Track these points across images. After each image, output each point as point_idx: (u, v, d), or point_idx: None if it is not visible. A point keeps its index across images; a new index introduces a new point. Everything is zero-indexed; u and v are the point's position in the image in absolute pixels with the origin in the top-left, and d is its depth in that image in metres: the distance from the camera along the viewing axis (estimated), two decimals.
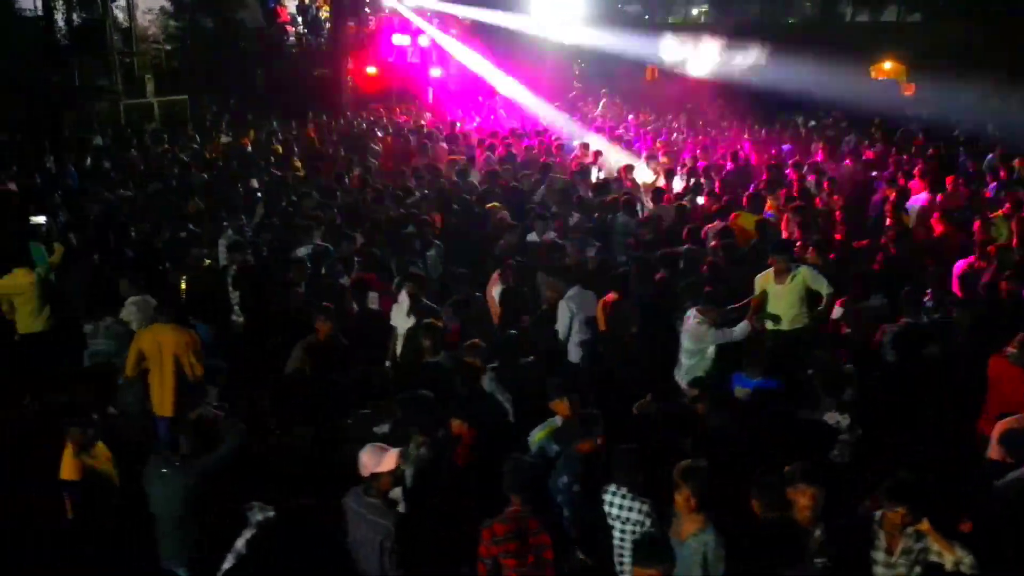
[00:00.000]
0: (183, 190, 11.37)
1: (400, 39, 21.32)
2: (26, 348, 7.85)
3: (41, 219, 8.66)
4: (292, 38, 23.36)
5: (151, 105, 21.18)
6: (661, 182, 11.74)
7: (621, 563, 4.32)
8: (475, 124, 17.95)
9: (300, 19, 23.29)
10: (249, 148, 15.18)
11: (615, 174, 12.14)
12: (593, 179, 12.02)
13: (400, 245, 8.50)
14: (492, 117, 18.48)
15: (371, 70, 21.11)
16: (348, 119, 18.60)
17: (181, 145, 15.75)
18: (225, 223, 9.14)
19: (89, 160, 13.77)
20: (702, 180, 11.43)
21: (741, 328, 6.23)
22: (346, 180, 11.78)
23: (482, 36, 22.36)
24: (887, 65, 29.24)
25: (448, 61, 22.15)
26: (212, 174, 12.88)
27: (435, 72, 21.85)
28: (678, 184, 11.91)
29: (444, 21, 21.92)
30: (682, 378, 6.35)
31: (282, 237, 8.83)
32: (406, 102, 21.42)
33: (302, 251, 8.49)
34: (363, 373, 6.19)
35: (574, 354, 6.42)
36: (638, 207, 10.35)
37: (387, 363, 7.20)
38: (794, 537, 3.90)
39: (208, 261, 8.49)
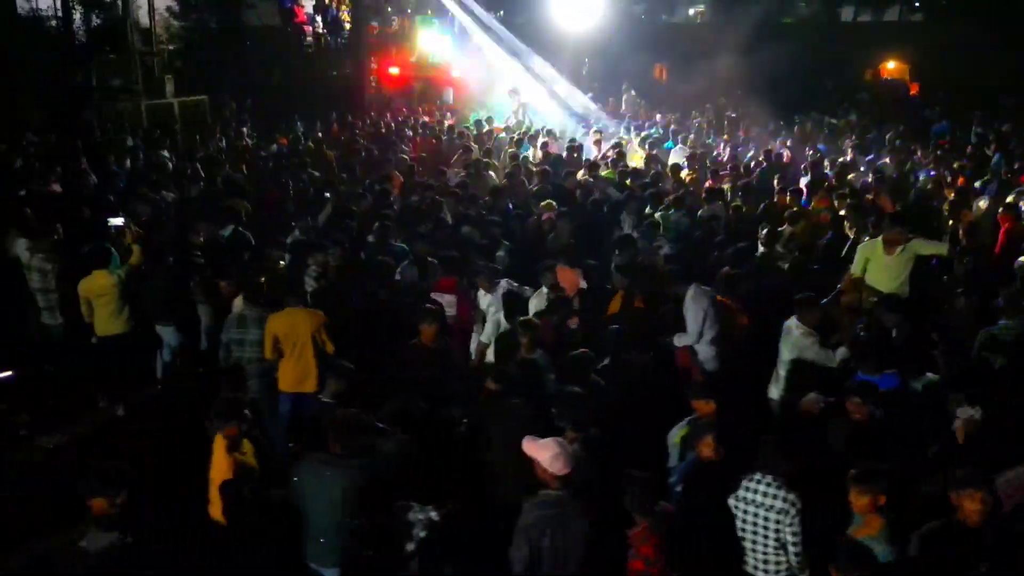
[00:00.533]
0: (229, 191, 11.33)
1: (430, 38, 21.32)
2: (104, 350, 7.83)
3: (119, 221, 8.61)
4: (310, 38, 23.29)
5: (171, 105, 21.11)
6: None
7: (754, 551, 4.28)
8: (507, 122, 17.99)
9: (319, 19, 23.21)
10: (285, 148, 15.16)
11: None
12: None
13: (465, 246, 8.54)
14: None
15: (393, 70, 21.11)
16: (374, 119, 18.57)
17: (211, 146, 15.73)
18: (293, 223, 9.14)
19: (128, 161, 13.70)
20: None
21: (841, 353, 6.08)
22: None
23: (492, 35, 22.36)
24: (891, 64, 29.75)
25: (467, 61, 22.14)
26: (248, 175, 12.88)
27: (456, 73, 21.85)
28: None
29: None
30: (780, 390, 6.23)
31: (353, 238, 8.84)
32: (428, 102, 21.43)
33: None
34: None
35: (704, 353, 6.43)
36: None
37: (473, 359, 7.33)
38: (964, 541, 3.87)
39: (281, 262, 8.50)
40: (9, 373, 8.01)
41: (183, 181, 12.21)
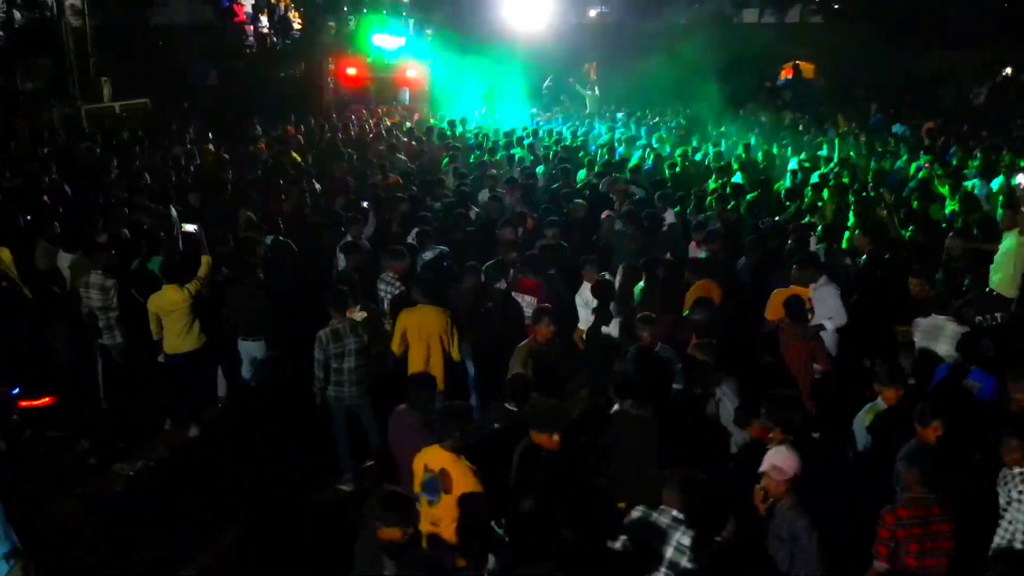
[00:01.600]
0: (236, 200, 10.92)
1: (381, 39, 21.02)
2: (171, 368, 7.50)
3: (192, 228, 8.20)
4: (251, 38, 22.51)
5: (113, 109, 19.96)
6: None
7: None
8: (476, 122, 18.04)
9: (264, 18, 22.47)
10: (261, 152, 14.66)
11: None
12: None
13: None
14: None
15: (351, 70, 20.74)
16: (345, 122, 18.19)
17: (177, 153, 14.94)
18: (343, 229, 8.96)
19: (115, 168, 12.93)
20: None
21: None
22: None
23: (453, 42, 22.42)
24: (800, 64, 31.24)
25: (424, 61, 22.02)
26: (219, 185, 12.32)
27: (411, 73, 21.67)
28: None
29: (418, 24, 21.82)
30: None
31: (407, 244, 8.76)
32: (384, 103, 21.18)
33: (428, 255, 8.54)
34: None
35: (830, 340, 6.78)
36: None
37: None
38: None
39: None
40: (48, 400, 7.59)
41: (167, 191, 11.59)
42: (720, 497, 4.51)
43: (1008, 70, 25.21)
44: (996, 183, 11.46)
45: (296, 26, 22.50)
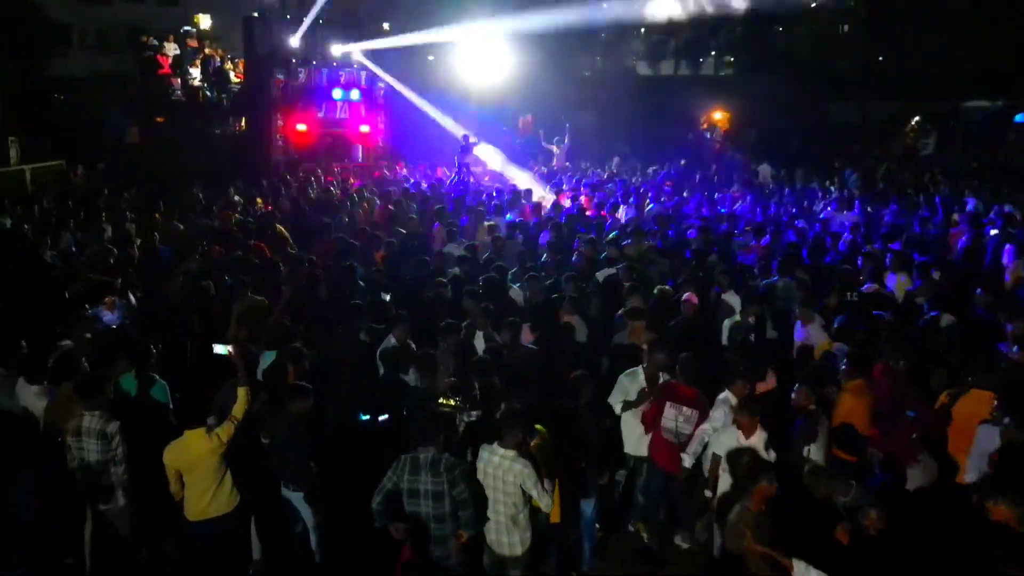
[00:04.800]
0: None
1: (337, 92, 19.21)
2: (197, 537, 5.54)
3: (223, 349, 6.19)
4: (179, 91, 20.25)
5: (22, 173, 17.29)
6: None
7: None
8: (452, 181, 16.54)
9: (196, 71, 20.26)
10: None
11: None
12: None
13: None
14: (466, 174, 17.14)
15: (301, 127, 18.78)
16: (302, 183, 16.25)
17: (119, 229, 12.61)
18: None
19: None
20: None
21: None
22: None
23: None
24: (718, 115, 31.68)
25: (377, 116, 20.38)
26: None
27: (364, 128, 19.95)
28: None
29: (371, 77, 20.19)
30: None
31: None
32: (336, 161, 19.30)
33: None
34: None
35: None
36: None
37: None
38: None
39: None
40: None
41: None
42: None
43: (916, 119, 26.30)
44: None
45: (234, 79, 20.42)
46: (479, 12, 21.62)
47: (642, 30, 36.04)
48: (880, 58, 30.20)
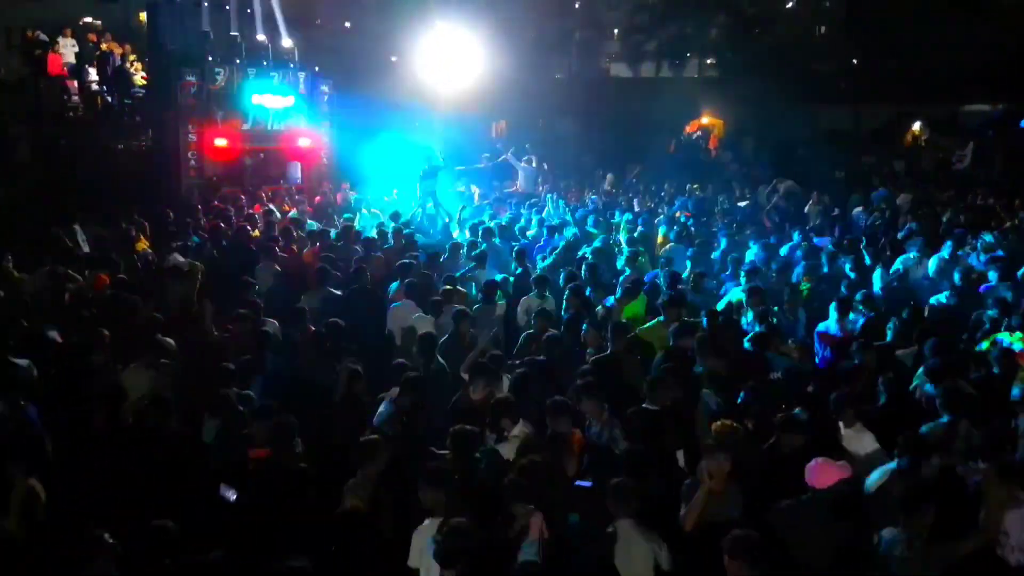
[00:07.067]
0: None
1: (261, 99, 15.32)
2: None
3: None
4: (75, 96, 16.38)
5: None
6: None
7: None
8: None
9: (93, 71, 16.43)
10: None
11: None
12: None
13: None
14: None
15: (220, 142, 14.91)
16: (209, 217, 12.49)
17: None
18: None
19: None
20: None
21: None
22: None
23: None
24: (705, 120, 29.95)
25: (320, 127, 16.70)
26: None
27: (304, 142, 16.24)
28: None
29: (312, 79, 16.50)
30: None
31: None
32: (266, 184, 15.48)
33: None
34: None
35: None
36: None
37: None
38: None
39: None
40: None
41: None
42: None
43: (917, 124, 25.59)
44: None
45: (138, 81, 16.54)
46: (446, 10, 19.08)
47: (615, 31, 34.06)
48: (855, 61, 29.25)
